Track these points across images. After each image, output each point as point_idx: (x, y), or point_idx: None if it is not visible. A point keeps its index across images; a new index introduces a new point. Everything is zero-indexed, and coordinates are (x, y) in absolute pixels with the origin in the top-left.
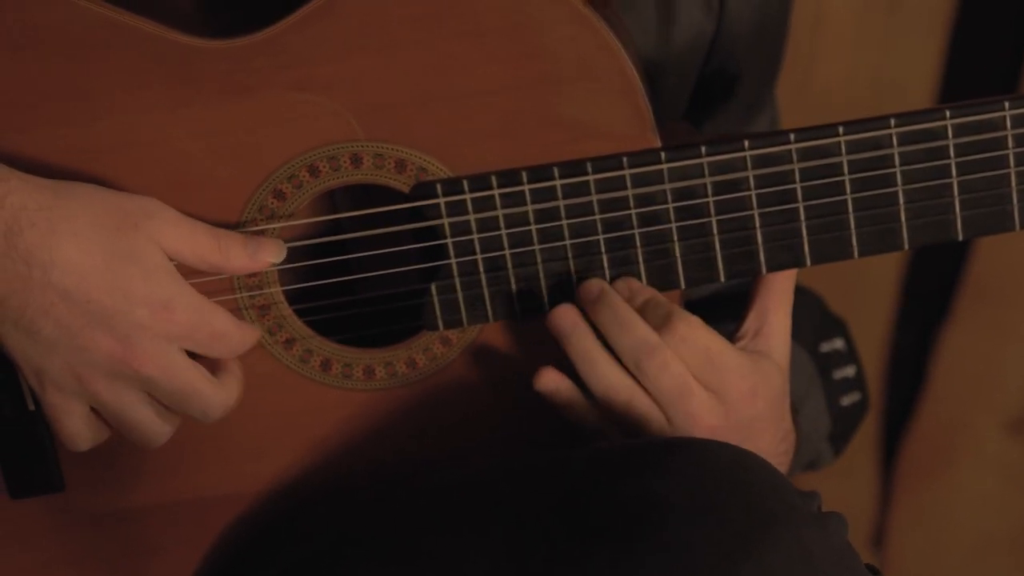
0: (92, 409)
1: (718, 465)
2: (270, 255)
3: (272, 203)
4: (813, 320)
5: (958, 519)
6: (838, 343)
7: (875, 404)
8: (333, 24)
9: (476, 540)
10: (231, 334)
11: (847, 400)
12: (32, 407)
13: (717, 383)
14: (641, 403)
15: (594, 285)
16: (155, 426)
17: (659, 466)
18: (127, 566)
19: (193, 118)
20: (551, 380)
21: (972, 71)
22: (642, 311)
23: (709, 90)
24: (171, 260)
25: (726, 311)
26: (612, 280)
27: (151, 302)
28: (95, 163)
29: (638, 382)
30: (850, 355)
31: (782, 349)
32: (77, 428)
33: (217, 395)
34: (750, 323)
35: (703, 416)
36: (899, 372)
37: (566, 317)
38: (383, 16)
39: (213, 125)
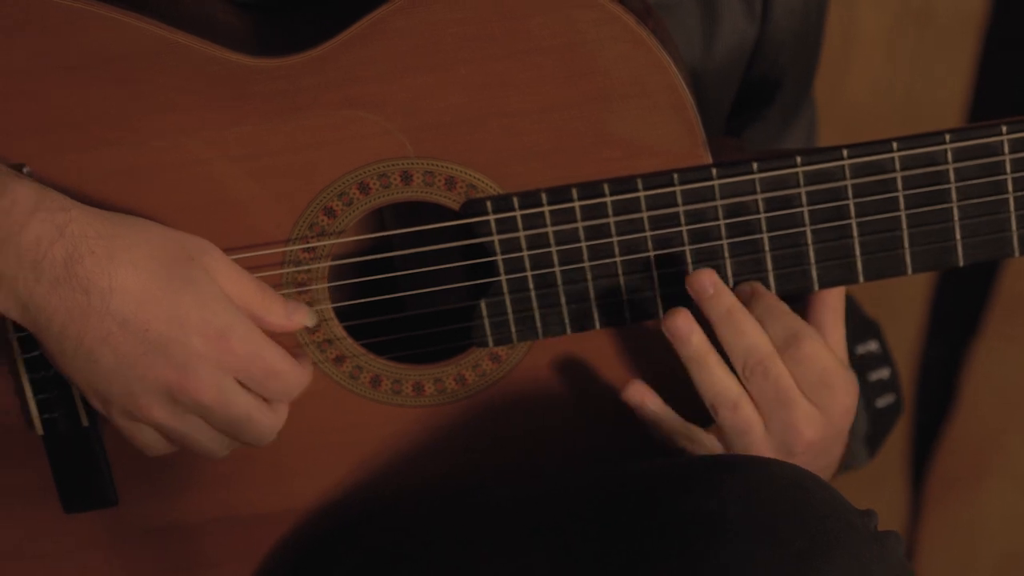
0: None
1: (776, 484)
2: (304, 319)
3: (323, 220)
4: (848, 323)
5: (988, 534)
6: (872, 345)
7: (905, 417)
8: (385, 43)
9: (526, 559)
10: (287, 373)
11: (882, 402)
12: (86, 422)
13: (826, 400)
14: (746, 411)
15: (707, 280)
16: (215, 444)
17: (715, 485)
18: None
19: (244, 136)
20: (637, 392)
21: (1003, 85)
22: (764, 316)
23: (750, 97)
24: None
25: None
26: (663, 297)
27: (206, 331)
28: (146, 183)
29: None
30: (884, 357)
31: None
32: (151, 440)
33: (270, 420)
34: None
35: (803, 429)
36: (929, 386)
37: (683, 321)
38: (435, 36)
39: (264, 143)
